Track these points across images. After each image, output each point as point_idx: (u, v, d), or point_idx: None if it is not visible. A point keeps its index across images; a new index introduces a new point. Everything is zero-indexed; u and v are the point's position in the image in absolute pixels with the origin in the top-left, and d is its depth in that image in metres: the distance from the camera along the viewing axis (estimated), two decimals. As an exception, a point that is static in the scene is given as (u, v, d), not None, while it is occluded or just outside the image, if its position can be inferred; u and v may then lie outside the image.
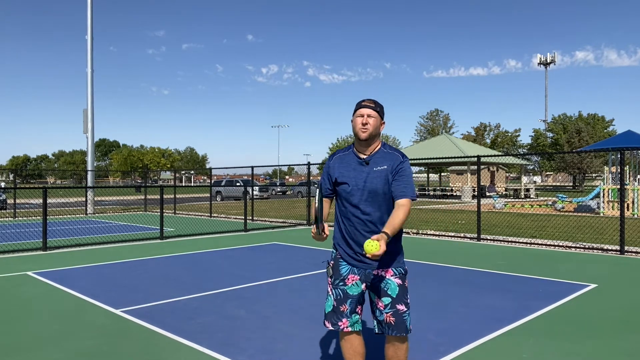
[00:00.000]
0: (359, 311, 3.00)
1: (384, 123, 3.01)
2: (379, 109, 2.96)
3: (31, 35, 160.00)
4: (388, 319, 2.92)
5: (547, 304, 5.51)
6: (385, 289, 2.92)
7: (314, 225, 2.84)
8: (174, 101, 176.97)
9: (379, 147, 3.01)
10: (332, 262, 3.07)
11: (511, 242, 10.80)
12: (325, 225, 2.86)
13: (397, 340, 2.98)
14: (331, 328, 2.99)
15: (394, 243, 2.96)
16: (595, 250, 9.57)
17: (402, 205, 2.85)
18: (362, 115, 2.94)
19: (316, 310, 5.29)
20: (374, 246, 2.61)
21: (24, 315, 5.19)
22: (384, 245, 2.64)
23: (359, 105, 2.98)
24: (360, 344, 3.03)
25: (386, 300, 2.92)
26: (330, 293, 3.03)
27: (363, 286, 2.98)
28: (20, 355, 4.02)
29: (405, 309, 2.94)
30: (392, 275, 2.94)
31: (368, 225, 2.92)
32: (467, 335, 4.45)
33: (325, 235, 2.83)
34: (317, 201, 2.83)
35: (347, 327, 2.95)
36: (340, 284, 2.97)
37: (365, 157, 2.98)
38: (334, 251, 3.09)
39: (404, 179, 2.90)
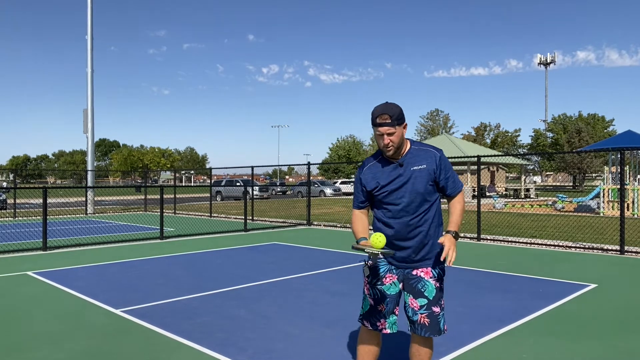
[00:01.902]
0: (397, 312, 2.98)
1: (406, 125, 2.87)
2: (396, 120, 2.78)
3: (31, 35, 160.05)
4: (422, 319, 2.88)
5: (547, 304, 5.51)
6: (423, 290, 2.88)
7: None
8: (175, 101, 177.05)
9: (408, 147, 2.94)
10: (369, 261, 3.00)
11: (511, 242, 10.80)
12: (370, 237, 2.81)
13: (422, 341, 2.95)
14: (370, 328, 2.97)
15: (437, 239, 2.92)
16: (595, 250, 9.57)
17: (458, 200, 2.96)
18: (382, 135, 2.81)
19: (316, 310, 5.30)
20: (381, 241, 2.68)
21: (24, 315, 5.19)
22: (452, 245, 2.73)
23: (375, 122, 2.81)
24: (378, 345, 3.03)
25: (422, 301, 2.88)
26: (367, 293, 3.00)
27: (401, 286, 2.95)
28: (20, 355, 4.02)
29: (440, 311, 2.90)
30: (430, 277, 2.90)
31: (410, 227, 2.88)
32: (467, 335, 4.45)
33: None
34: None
35: (385, 329, 2.93)
36: (378, 283, 2.94)
37: (399, 159, 2.91)
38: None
39: (449, 173, 2.93)
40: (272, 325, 4.78)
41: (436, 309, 2.89)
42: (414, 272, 2.91)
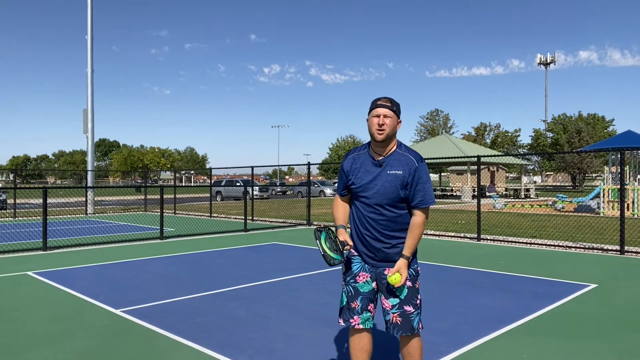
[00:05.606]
0: (371, 309, 3.00)
1: (400, 122, 2.92)
2: (395, 108, 2.86)
3: (31, 34, 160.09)
4: (394, 319, 2.91)
5: (547, 304, 5.51)
6: (394, 289, 2.91)
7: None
8: (175, 101, 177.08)
9: (394, 148, 2.93)
10: (344, 258, 3.05)
11: (511, 242, 10.80)
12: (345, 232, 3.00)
13: (407, 338, 2.98)
14: (343, 324, 3.00)
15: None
16: (595, 250, 9.57)
17: (419, 222, 2.87)
18: (379, 116, 2.83)
19: (316, 310, 5.30)
20: (396, 278, 2.82)
21: (24, 315, 5.19)
22: (406, 271, 2.87)
23: (375, 105, 2.86)
24: (368, 342, 3.04)
25: (393, 301, 2.91)
26: (343, 289, 3.05)
27: (374, 284, 2.98)
28: (20, 355, 4.02)
29: (413, 310, 2.92)
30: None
31: (382, 226, 2.91)
32: (467, 335, 4.45)
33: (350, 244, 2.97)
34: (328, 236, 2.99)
35: (358, 324, 2.95)
36: (352, 280, 2.99)
37: (380, 158, 2.91)
38: None
39: (422, 186, 2.86)
40: (272, 325, 4.78)
41: (408, 308, 2.91)
42: (386, 272, 2.94)
